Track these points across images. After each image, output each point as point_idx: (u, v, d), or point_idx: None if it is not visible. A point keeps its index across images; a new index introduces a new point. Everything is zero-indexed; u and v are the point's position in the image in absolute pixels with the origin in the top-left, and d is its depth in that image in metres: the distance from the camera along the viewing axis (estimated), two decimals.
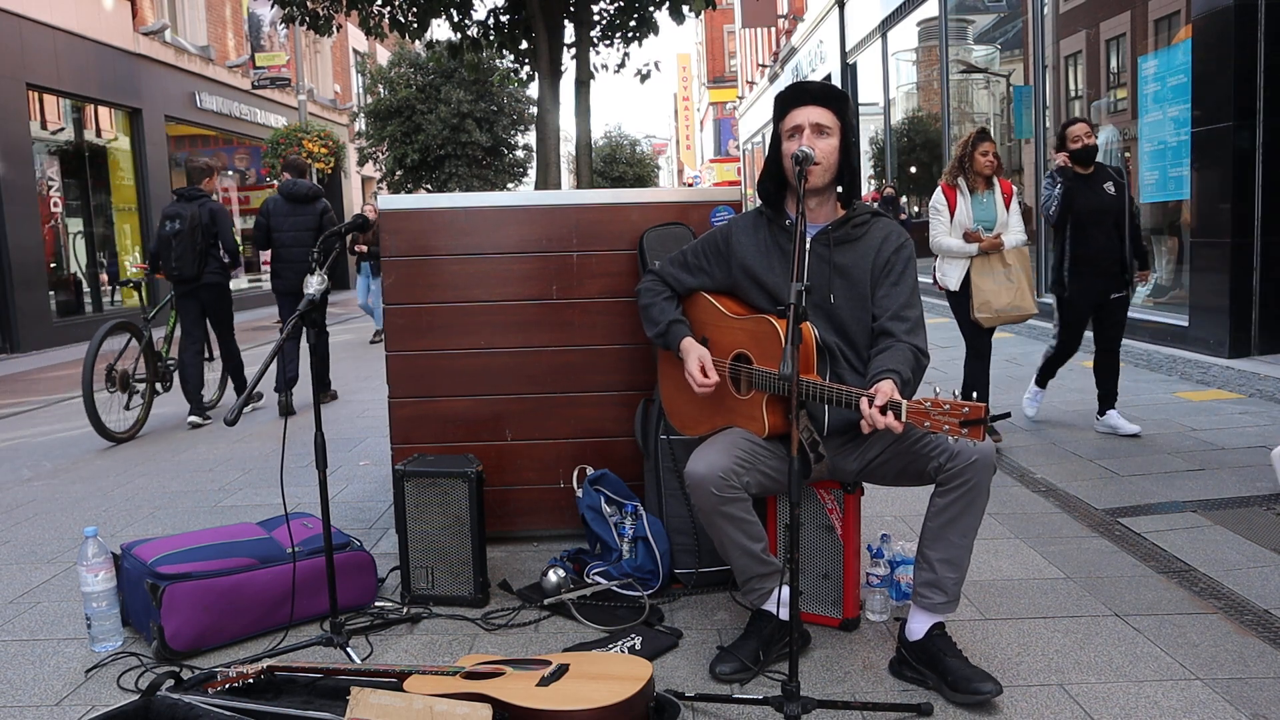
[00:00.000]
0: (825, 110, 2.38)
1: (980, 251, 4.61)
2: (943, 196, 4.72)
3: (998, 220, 4.68)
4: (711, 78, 39.13)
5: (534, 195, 3.66)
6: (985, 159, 4.69)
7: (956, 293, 4.72)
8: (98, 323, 13.43)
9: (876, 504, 3.68)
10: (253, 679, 2.21)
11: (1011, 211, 4.72)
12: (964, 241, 4.62)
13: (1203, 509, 3.53)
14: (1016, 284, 4.62)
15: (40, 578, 3.33)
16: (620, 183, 32.02)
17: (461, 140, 20.62)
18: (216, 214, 6.13)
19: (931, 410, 2.00)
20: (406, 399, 3.35)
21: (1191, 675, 2.29)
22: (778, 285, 2.44)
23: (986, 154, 4.70)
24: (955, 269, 4.70)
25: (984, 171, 4.68)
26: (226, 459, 5.15)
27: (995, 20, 11.33)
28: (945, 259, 4.76)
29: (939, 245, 4.74)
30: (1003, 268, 4.63)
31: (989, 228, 4.67)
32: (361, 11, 7.91)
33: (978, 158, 4.71)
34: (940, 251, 4.76)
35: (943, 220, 4.71)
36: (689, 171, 50.67)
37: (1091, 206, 4.60)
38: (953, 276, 4.72)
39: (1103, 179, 4.66)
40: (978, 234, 4.62)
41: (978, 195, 4.70)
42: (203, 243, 6.05)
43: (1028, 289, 4.65)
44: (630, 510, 2.96)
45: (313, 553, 2.77)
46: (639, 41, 8.43)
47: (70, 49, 12.95)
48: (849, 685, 2.31)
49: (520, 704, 1.96)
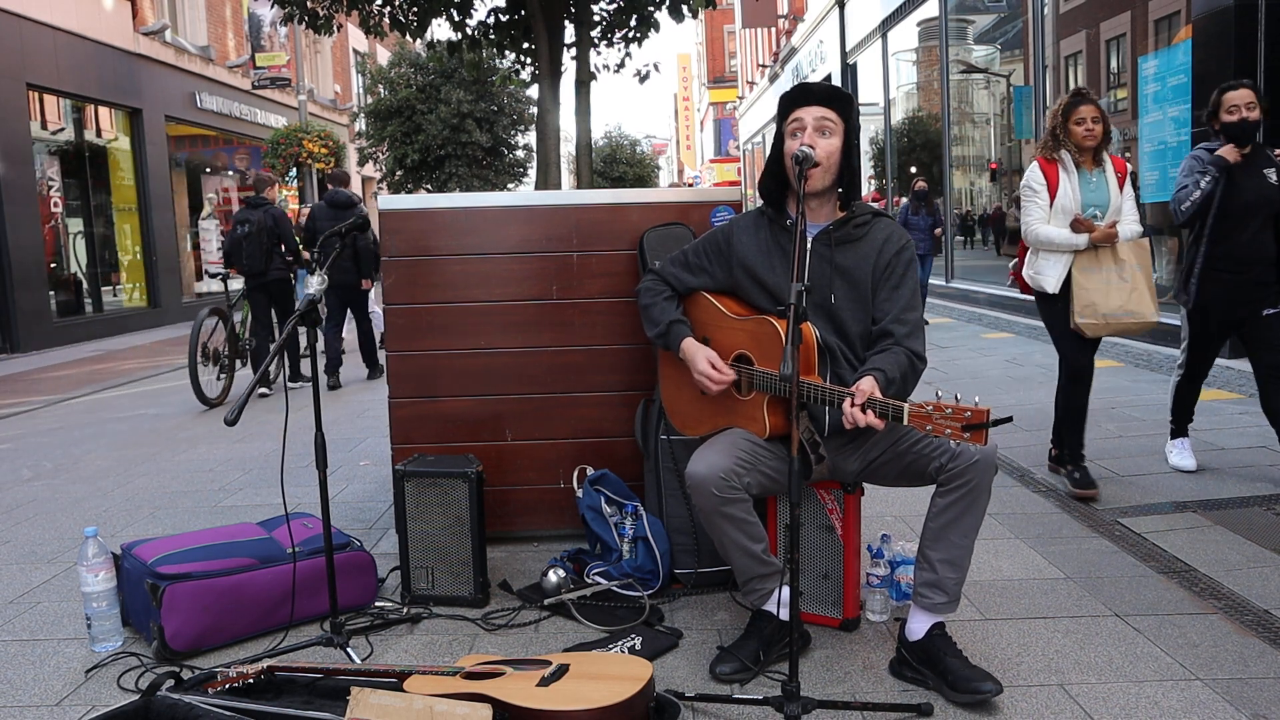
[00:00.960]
0: (829, 110, 2.38)
1: (1090, 244, 3.65)
2: (1040, 173, 3.73)
3: (1110, 205, 3.70)
4: (711, 78, 39.13)
5: (534, 195, 3.66)
6: (1082, 129, 3.66)
7: (1054, 296, 3.72)
8: (98, 322, 13.56)
9: (876, 504, 3.68)
10: (253, 679, 2.21)
11: (1125, 195, 3.74)
12: (1070, 231, 3.66)
13: (1203, 509, 3.53)
14: (1131, 283, 3.65)
15: (40, 578, 3.33)
16: (620, 183, 32.04)
17: (462, 140, 20.64)
18: (279, 219, 7.15)
19: (933, 414, 1.99)
20: (406, 399, 3.35)
21: (1191, 675, 2.29)
22: (778, 285, 2.44)
23: (1084, 122, 3.66)
24: (1054, 266, 3.71)
25: (1085, 145, 3.68)
26: (226, 459, 5.15)
27: (995, 20, 11.33)
28: (1041, 253, 3.76)
29: (1036, 235, 3.72)
30: (1114, 264, 3.66)
31: (1100, 214, 3.70)
32: (362, 11, 7.92)
33: (1073, 129, 3.68)
34: (1037, 243, 3.74)
35: (1040, 203, 3.71)
36: (689, 171, 50.67)
37: (1245, 200, 3.63)
38: (1051, 275, 3.71)
39: (1261, 162, 3.66)
40: (1089, 221, 3.64)
41: (1085, 173, 3.72)
42: (268, 243, 7.03)
43: (1146, 291, 3.66)
44: (630, 510, 2.96)
45: (313, 553, 2.77)
46: (639, 41, 8.44)
47: (70, 49, 12.95)
48: (849, 685, 2.31)
49: (520, 704, 1.96)
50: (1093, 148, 3.69)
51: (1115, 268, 3.65)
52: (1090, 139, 3.65)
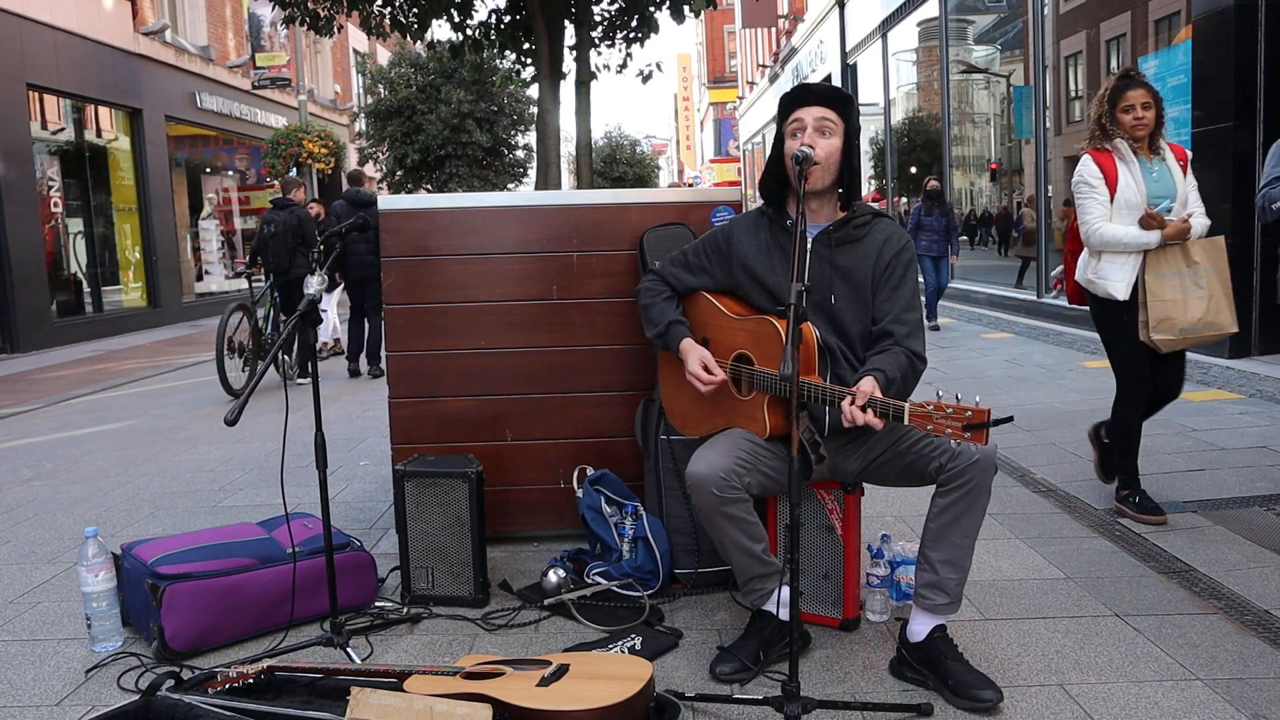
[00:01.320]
0: (829, 111, 2.38)
1: (1162, 241, 3.23)
2: (1095, 166, 3.30)
3: (1177, 196, 3.29)
4: (712, 78, 39.14)
5: (534, 195, 3.66)
6: (1131, 117, 3.26)
7: (1118, 304, 3.30)
8: (98, 322, 13.56)
9: (876, 504, 3.68)
10: (253, 679, 2.21)
11: (1190, 184, 3.33)
12: (1140, 229, 3.23)
13: (1203, 509, 3.53)
14: (1208, 290, 3.25)
15: (40, 578, 3.33)
16: (620, 183, 32.02)
17: (462, 140, 20.63)
18: (303, 219, 7.66)
19: (934, 413, 1.99)
20: (407, 399, 3.35)
21: (1191, 675, 2.29)
22: (779, 285, 2.44)
23: (1132, 109, 3.25)
24: (1121, 269, 3.28)
25: (1136, 135, 3.28)
26: (226, 459, 5.15)
27: (995, 20, 11.34)
28: (1104, 256, 3.32)
29: (1100, 235, 3.27)
30: (1188, 267, 3.25)
31: (1166, 208, 3.29)
32: (362, 12, 7.91)
33: (1121, 117, 3.28)
34: (1102, 245, 3.29)
35: (1100, 199, 3.27)
36: (689, 172, 50.68)
37: None
38: (1120, 280, 3.28)
39: None
40: (1160, 216, 3.21)
41: (1144, 162, 3.31)
42: (292, 242, 7.53)
43: (1224, 297, 3.28)
44: (630, 510, 2.96)
45: (313, 553, 2.77)
46: (640, 42, 8.43)
47: (70, 49, 12.95)
48: (849, 685, 2.31)
49: (520, 704, 1.96)
50: (1145, 137, 3.30)
51: (1190, 272, 3.25)
52: (1141, 128, 3.27)
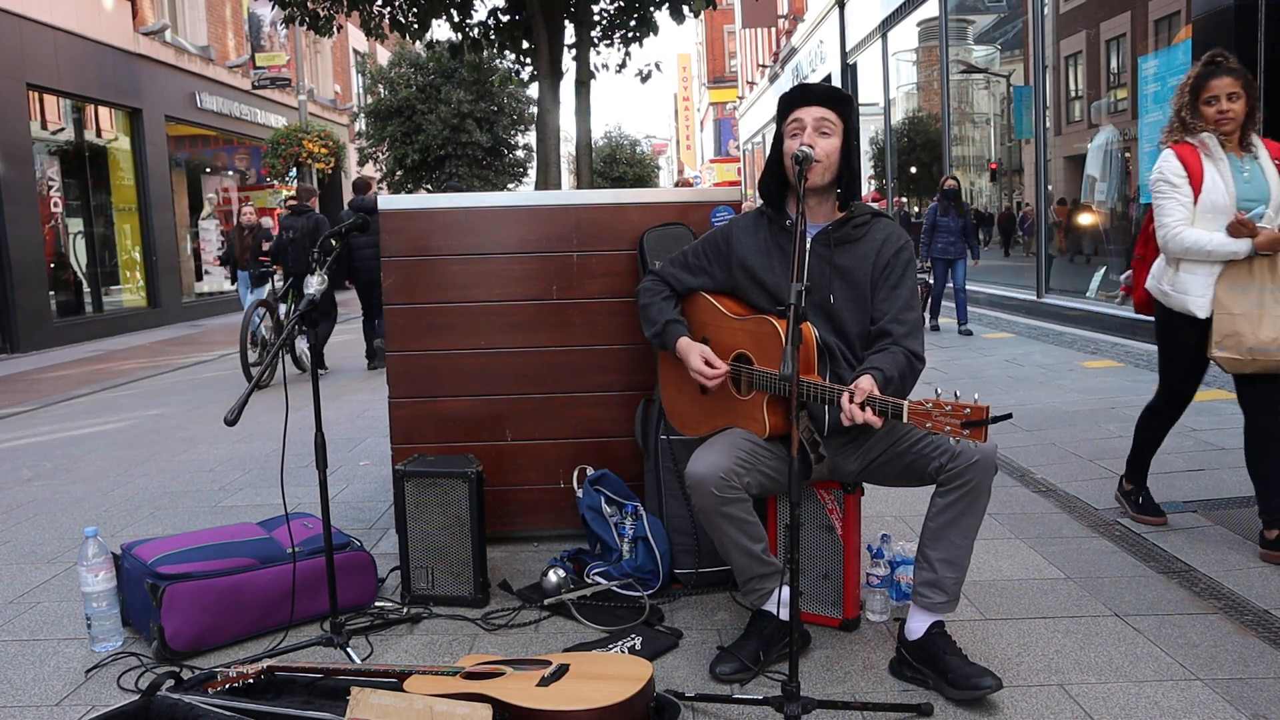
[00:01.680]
0: (829, 110, 2.38)
1: (1253, 251, 2.85)
2: (1178, 163, 2.93)
3: (1271, 200, 2.90)
4: (711, 78, 39.14)
5: (534, 195, 3.66)
6: (1214, 110, 2.91)
7: (1199, 321, 2.97)
8: (98, 323, 13.57)
9: (876, 504, 3.68)
10: (253, 679, 2.21)
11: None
12: (1228, 235, 2.87)
13: (1203, 509, 3.53)
14: None
15: (40, 578, 3.33)
16: (620, 183, 32.04)
17: (462, 140, 20.65)
18: (320, 223, 8.22)
19: (933, 411, 1.99)
20: (406, 399, 3.35)
21: (1191, 675, 2.29)
22: (778, 285, 2.44)
23: (1216, 101, 2.90)
24: (1203, 281, 2.93)
25: (1221, 129, 2.91)
26: (226, 459, 5.15)
27: (995, 20, 11.34)
28: (1184, 265, 2.97)
29: (1181, 241, 2.92)
30: (1272, 282, 2.86)
31: (1259, 213, 2.89)
32: (362, 12, 7.91)
33: (1204, 109, 2.93)
34: (1183, 251, 2.94)
35: (1182, 200, 2.92)
36: (689, 171, 50.68)
37: None
38: (1200, 295, 2.94)
39: None
40: (1253, 224, 2.83)
41: (1235, 160, 2.92)
42: (309, 245, 7.89)
43: None
44: (630, 510, 2.96)
45: (313, 553, 2.77)
46: (639, 42, 8.44)
47: (70, 49, 12.95)
48: (849, 685, 2.31)
49: (520, 704, 1.96)
50: (1233, 131, 2.92)
51: (1272, 287, 2.86)
52: (1227, 121, 2.90)
